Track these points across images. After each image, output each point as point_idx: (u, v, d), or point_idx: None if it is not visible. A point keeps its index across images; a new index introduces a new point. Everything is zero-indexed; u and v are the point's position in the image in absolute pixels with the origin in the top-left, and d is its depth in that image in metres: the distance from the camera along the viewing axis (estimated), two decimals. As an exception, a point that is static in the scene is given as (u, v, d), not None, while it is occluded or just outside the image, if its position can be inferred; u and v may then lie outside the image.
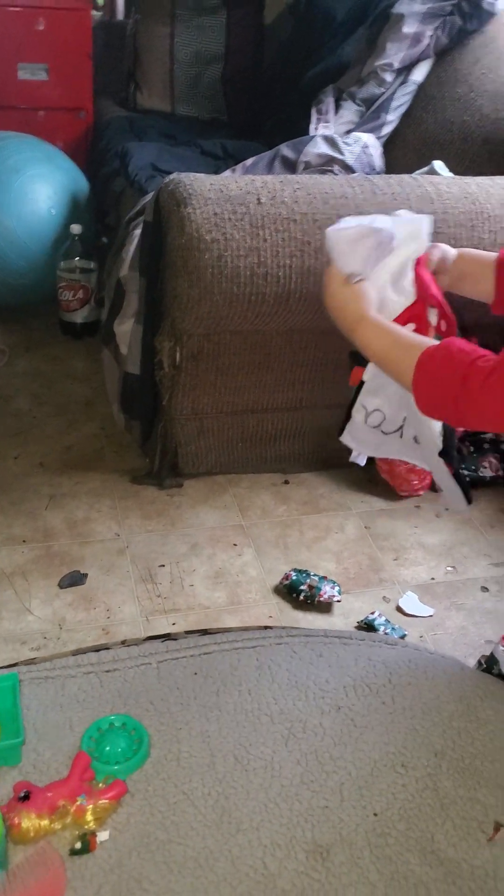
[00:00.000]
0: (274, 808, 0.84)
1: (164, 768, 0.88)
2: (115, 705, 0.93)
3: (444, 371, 0.88)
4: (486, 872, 0.79)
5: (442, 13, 2.13)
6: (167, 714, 0.94)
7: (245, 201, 1.57)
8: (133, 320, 1.72)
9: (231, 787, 0.87)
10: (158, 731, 0.91)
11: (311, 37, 2.43)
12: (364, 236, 1.00)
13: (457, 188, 1.70)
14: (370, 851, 0.80)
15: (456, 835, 0.81)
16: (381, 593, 1.70)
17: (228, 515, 1.86)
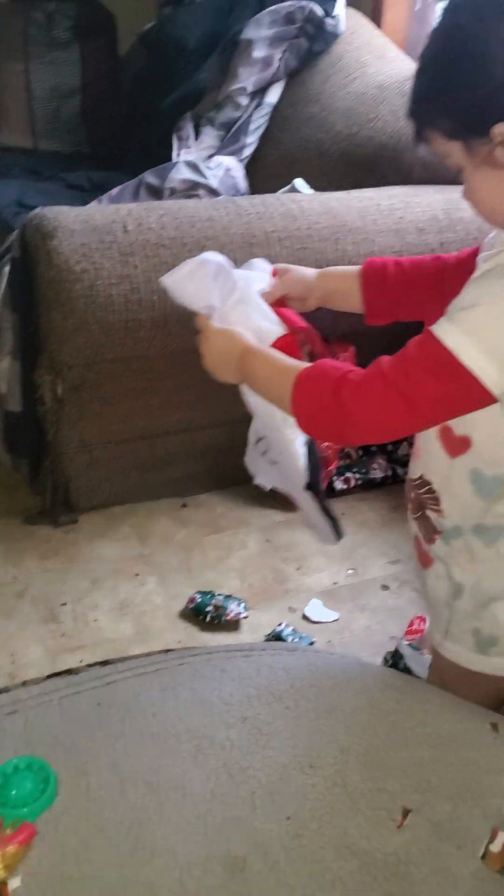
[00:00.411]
0: (188, 826, 0.84)
1: (74, 804, 0.87)
2: (17, 748, 0.91)
3: (318, 388, 0.90)
4: (399, 859, 0.80)
5: (288, 36, 2.20)
6: (73, 749, 0.92)
7: (112, 230, 1.58)
8: (10, 357, 1.70)
9: (143, 812, 0.86)
10: (65, 768, 0.89)
11: (166, 66, 2.47)
12: (197, 269, 1.02)
13: (318, 204, 1.75)
14: (286, 855, 0.81)
15: (367, 826, 0.83)
16: (287, 604, 1.72)
17: (128, 546, 1.85)
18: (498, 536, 0.96)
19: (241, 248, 1.64)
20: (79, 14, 2.67)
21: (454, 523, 0.99)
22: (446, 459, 0.97)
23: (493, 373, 0.80)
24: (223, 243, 1.62)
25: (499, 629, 0.99)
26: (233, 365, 1.00)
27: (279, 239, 1.67)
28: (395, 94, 1.98)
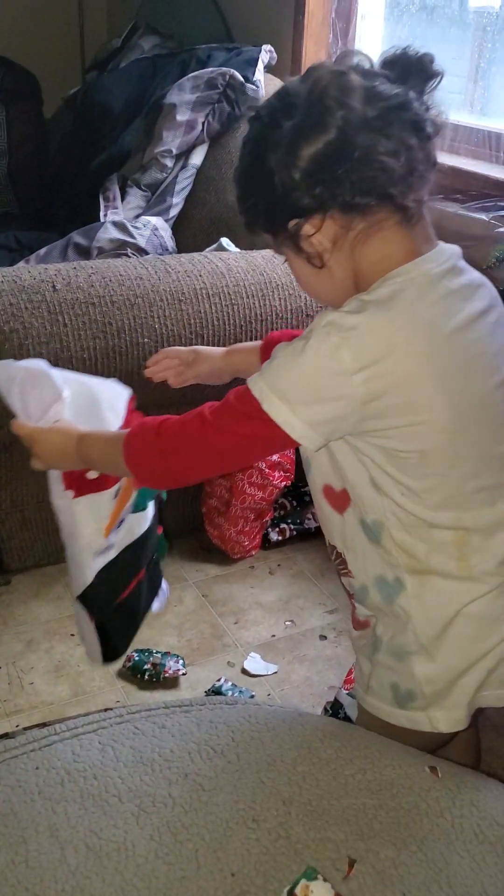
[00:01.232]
0: (131, 889, 0.82)
1: (13, 873, 0.84)
2: (-46, 817, 0.89)
3: (143, 439, 0.97)
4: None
5: (211, 101, 2.27)
6: (11, 816, 0.90)
7: (40, 289, 1.59)
8: None
9: (85, 877, 0.84)
10: (3, 836, 0.87)
11: (91, 129, 2.51)
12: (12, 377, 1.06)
13: (245, 262, 1.80)
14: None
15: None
16: (226, 658, 1.72)
17: (63, 606, 1.83)
18: (397, 591, 0.99)
19: (171, 305, 1.66)
20: (2, 78, 2.71)
21: (361, 582, 1.03)
22: (338, 518, 1.02)
23: (289, 418, 0.89)
24: (152, 301, 1.65)
25: (414, 684, 1.00)
26: (72, 457, 1.04)
27: (208, 296, 1.70)
28: (316, 156, 2.05)
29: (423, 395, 0.89)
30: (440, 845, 0.89)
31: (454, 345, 0.91)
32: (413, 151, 0.88)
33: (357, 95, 0.85)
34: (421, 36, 2.28)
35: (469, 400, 0.92)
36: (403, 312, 0.89)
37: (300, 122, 0.86)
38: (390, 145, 0.86)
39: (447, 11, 2.19)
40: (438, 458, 0.92)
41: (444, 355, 0.90)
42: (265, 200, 0.91)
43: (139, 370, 1.65)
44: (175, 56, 2.53)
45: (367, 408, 0.88)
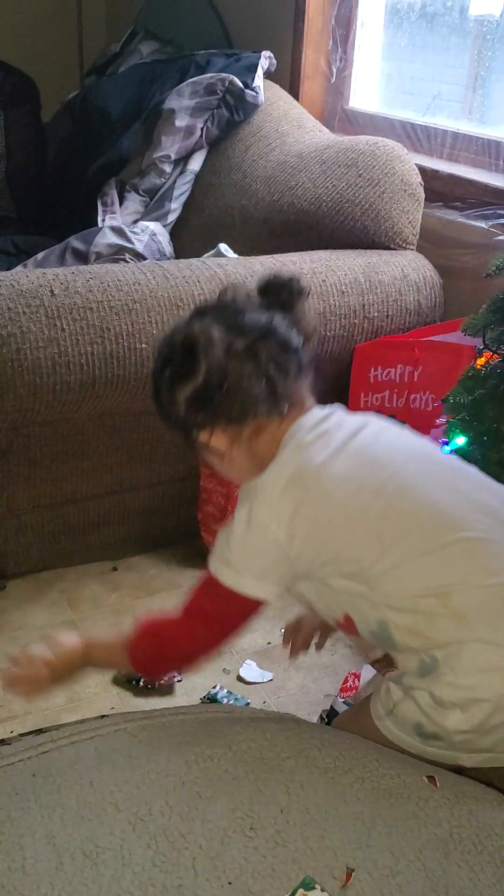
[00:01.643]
0: (128, 898, 0.82)
1: (10, 880, 0.84)
2: (-51, 825, 0.88)
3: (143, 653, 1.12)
4: (344, 920, 0.80)
5: (210, 107, 2.27)
6: (8, 822, 0.90)
7: (38, 294, 1.58)
8: None
9: (82, 884, 0.83)
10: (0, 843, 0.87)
11: (90, 133, 2.52)
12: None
13: (243, 268, 1.80)
14: (229, 923, 0.80)
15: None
16: (221, 665, 1.71)
17: (58, 611, 1.82)
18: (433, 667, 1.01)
19: (169, 311, 1.66)
20: (1, 82, 2.71)
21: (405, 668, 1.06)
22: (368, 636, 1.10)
23: (238, 579, 1.04)
24: (150, 307, 1.65)
25: (444, 732, 1.01)
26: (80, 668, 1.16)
27: (206, 302, 1.70)
28: (314, 163, 2.06)
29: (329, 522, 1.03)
30: (438, 855, 0.88)
31: (332, 468, 1.05)
32: (279, 369, 1.05)
33: (219, 345, 1.02)
34: (420, 44, 2.29)
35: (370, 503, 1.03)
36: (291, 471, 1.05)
37: (174, 372, 1.06)
38: (257, 372, 1.04)
39: (447, 19, 2.20)
40: (381, 559, 1.01)
41: (328, 482, 1.04)
42: (169, 420, 1.11)
43: (136, 376, 1.66)
44: (174, 61, 2.54)
45: (293, 547, 1.03)
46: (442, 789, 0.96)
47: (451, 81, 2.25)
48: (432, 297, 1.98)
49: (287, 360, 1.06)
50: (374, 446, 1.09)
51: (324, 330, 1.83)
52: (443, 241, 2.04)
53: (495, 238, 1.91)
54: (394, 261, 1.96)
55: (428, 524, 1.02)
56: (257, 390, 1.04)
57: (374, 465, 1.06)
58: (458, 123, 2.19)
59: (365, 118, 2.41)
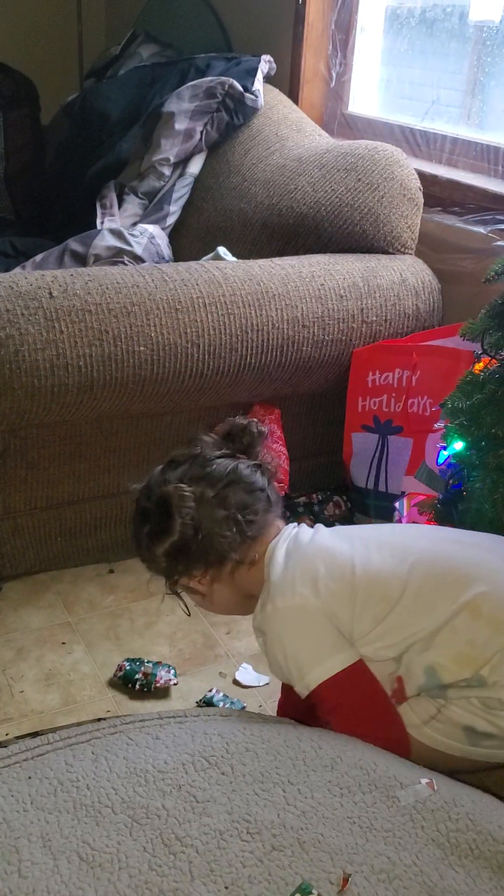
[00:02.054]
0: (124, 902, 0.82)
1: (5, 883, 0.84)
2: None
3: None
4: (341, 925, 0.80)
5: (209, 110, 2.27)
6: (3, 825, 0.89)
7: (37, 296, 1.58)
8: None
9: (78, 888, 0.83)
10: (-5, 846, 0.87)
11: (89, 136, 2.51)
12: None
13: (241, 271, 1.80)
14: (226, 927, 0.80)
15: (308, 893, 0.82)
16: (217, 669, 1.71)
17: (54, 614, 1.82)
18: (481, 684, 1.06)
19: (167, 314, 1.66)
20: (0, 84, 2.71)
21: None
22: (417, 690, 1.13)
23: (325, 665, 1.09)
24: (148, 309, 1.65)
25: (499, 730, 1.04)
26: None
27: (204, 305, 1.70)
28: (313, 167, 2.06)
29: (343, 589, 1.12)
30: (435, 860, 0.88)
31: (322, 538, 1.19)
32: (249, 510, 1.17)
33: (190, 498, 1.13)
34: (420, 49, 2.30)
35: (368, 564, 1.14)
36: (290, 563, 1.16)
37: (152, 530, 1.16)
38: (227, 518, 1.15)
39: (447, 25, 2.20)
40: (404, 606, 1.11)
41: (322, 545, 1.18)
42: (152, 569, 1.22)
43: (134, 379, 1.66)
44: (174, 64, 2.54)
45: (326, 603, 1.11)
46: (440, 793, 0.96)
47: (450, 87, 2.25)
48: (431, 301, 1.98)
49: (255, 499, 1.18)
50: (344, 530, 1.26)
51: (322, 334, 1.83)
52: (441, 245, 2.04)
53: (494, 243, 1.91)
54: (392, 265, 1.96)
55: (435, 568, 1.12)
56: (230, 534, 1.15)
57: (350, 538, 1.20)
58: (457, 129, 2.19)
59: (364, 123, 2.42)
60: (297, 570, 1.14)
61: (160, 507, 1.15)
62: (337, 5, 2.37)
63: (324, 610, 1.10)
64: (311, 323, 1.81)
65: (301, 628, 1.11)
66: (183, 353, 1.67)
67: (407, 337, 1.95)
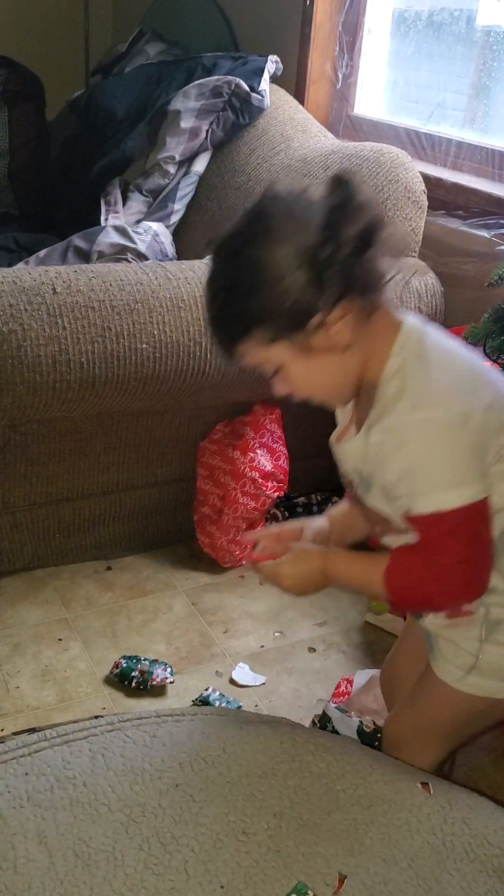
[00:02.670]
0: (119, 900, 0.82)
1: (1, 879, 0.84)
2: None
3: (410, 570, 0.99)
4: (336, 926, 0.80)
5: (215, 109, 2.27)
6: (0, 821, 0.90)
7: (40, 291, 1.58)
8: None
9: (73, 885, 0.83)
10: (-9, 842, 0.87)
11: (95, 132, 2.51)
12: None
13: (245, 269, 1.79)
14: (220, 927, 0.80)
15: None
16: (214, 668, 1.71)
17: (51, 610, 1.82)
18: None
19: (170, 312, 1.66)
20: (6, 79, 2.71)
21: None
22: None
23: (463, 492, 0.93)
24: (151, 307, 1.65)
25: None
26: (318, 579, 1.08)
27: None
28: (318, 168, 2.06)
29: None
30: (431, 863, 0.88)
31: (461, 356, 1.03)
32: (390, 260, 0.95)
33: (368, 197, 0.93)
34: (427, 52, 2.30)
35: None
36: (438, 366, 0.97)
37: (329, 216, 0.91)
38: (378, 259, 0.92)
39: (454, 28, 2.20)
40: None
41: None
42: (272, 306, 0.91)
43: (136, 376, 1.65)
44: (180, 63, 2.53)
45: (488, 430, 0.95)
46: (436, 796, 0.96)
47: (455, 90, 2.25)
48: (433, 304, 1.98)
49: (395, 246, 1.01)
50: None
51: (324, 335, 1.83)
52: (445, 249, 2.04)
53: (497, 247, 1.91)
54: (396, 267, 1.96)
55: None
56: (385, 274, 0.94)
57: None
58: (462, 132, 2.19)
59: (369, 125, 2.42)
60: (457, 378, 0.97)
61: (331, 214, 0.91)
62: (344, 7, 2.37)
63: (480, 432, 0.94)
64: (313, 324, 1.81)
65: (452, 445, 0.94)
66: (185, 351, 1.67)
67: (409, 339, 1.95)
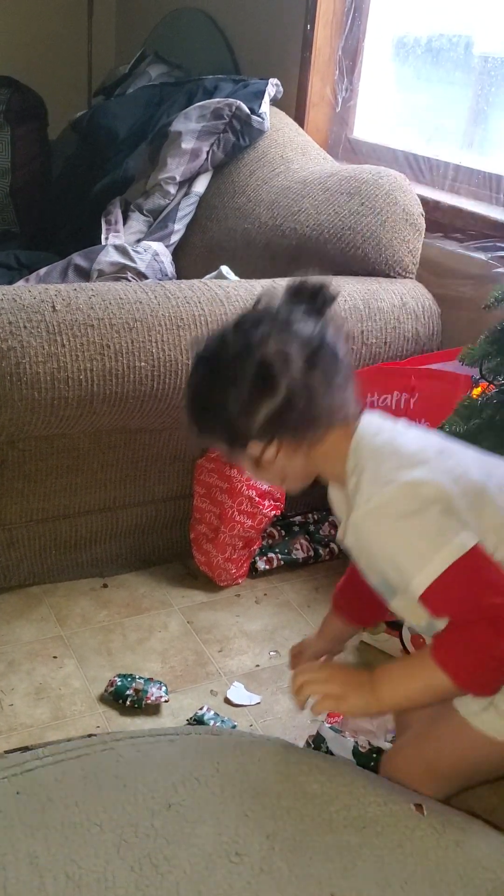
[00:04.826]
0: (110, 921, 0.81)
1: (-10, 900, 0.83)
2: None
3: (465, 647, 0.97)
4: None
5: (216, 130, 2.29)
6: (-10, 841, 0.89)
7: (40, 309, 1.59)
8: None
9: (63, 907, 0.83)
10: (-19, 861, 0.86)
11: (96, 152, 2.53)
12: None
13: (244, 290, 1.80)
14: None
15: (295, 916, 0.82)
16: (209, 687, 1.70)
17: (46, 627, 1.81)
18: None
19: (169, 331, 1.67)
20: (10, 99, 2.74)
21: None
22: None
23: (459, 540, 0.96)
24: (151, 325, 1.65)
25: None
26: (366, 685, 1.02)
27: (206, 323, 1.71)
28: (318, 190, 2.08)
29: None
30: (424, 886, 0.88)
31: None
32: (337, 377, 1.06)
33: (296, 362, 1.02)
34: (425, 77, 2.32)
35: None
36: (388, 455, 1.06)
37: (252, 390, 1.02)
38: (323, 385, 1.04)
39: (452, 55, 2.23)
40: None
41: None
42: (225, 432, 1.07)
43: (134, 394, 1.66)
44: (182, 85, 2.56)
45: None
46: (429, 818, 0.95)
47: (453, 115, 2.27)
48: (430, 325, 1.99)
49: (340, 368, 1.07)
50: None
51: (322, 355, 1.84)
52: (442, 271, 2.06)
53: (494, 270, 1.92)
54: (393, 289, 1.97)
55: None
56: (326, 404, 1.04)
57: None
58: (460, 156, 2.21)
59: (368, 148, 2.44)
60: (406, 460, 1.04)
61: (262, 369, 1.01)
62: (344, 32, 2.40)
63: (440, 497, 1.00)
64: (311, 344, 1.82)
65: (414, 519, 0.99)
66: (184, 370, 1.68)
67: (406, 360, 1.96)
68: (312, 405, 1.03)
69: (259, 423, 1.03)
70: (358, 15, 2.37)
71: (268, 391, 1.02)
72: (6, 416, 1.57)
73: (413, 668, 1.02)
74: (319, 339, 1.05)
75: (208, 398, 1.07)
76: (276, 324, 1.05)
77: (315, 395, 1.03)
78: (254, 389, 1.02)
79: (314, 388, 1.03)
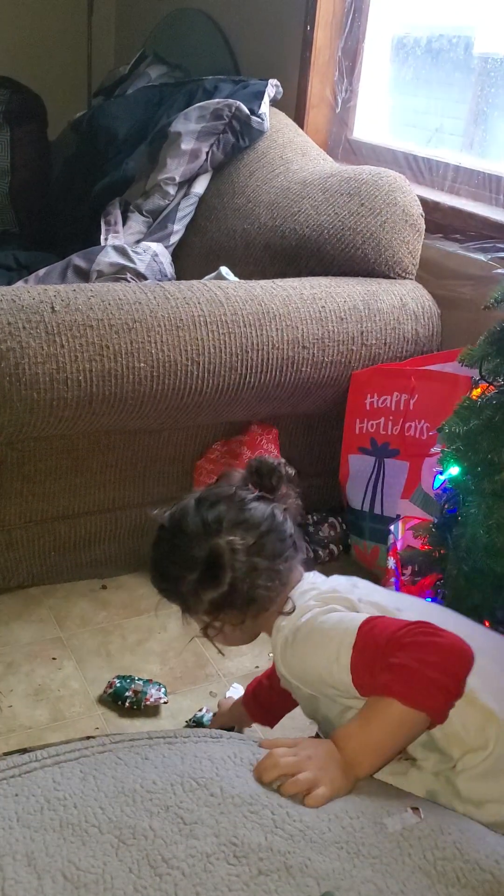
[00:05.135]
0: (108, 923, 0.81)
1: (-12, 902, 0.83)
2: None
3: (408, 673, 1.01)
4: None
5: (216, 131, 2.29)
6: (-12, 842, 0.89)
7: (39, 310, 1.59)
8: None
9: (61, 909, 0.82)
10: (-21, 863, 0.86)
11: (96, 153, 2.53)
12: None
13: (243, 291, 1.80)
14: None
15: (293, 918, 0.81)
16: (208, 688, 1.70)
17: (45, 628, 1.81)
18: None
19: (168, 331, 1.67)
20: (9, 99, 2.73)
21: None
22: None
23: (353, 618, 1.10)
24: (150, 326, 1.65)
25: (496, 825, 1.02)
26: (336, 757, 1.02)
27: (206, 323, 1.71)
28: (317, 190, 2.08)
29: None
30: (422, 888, 0.88)
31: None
32: (282, 559, 1.17)
33: (241, 554, 1.14)
34: (425, 78, 2.32)
35: None
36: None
37: (199, 579, 1.15)
38: (268, 570, 1.15)
39: (452, 55, 2.23)
40: None
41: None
42: (179, 602, 1.21)
43: (133, 395, 1.66)
44: (182, 85, 2.56)
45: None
46: (427, 820, 0.95)
47: (453, 116, 2.27)
48: (430, 326, 1.99)
49: (285, 547, 1.18)
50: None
51: (321, 355, 1.84)
52: (442, 272, 2.06)
53: (494, 271, 1.92)
54: (393, 290, 1.97)
55: None
56: (271, 585, 1.16)
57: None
58: (460, 157, 2.21)
59: (368, 148, 2.44)
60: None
61: (210, 558, 1.14)
62: (344, 33, 2.40)
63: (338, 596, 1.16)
64: (310, 344, 1.82)
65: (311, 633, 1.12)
66: (183, 371, 1.68)
67: (406, 361, 1.96)
68: (255, 590, 1.15)
69: (205, 605, 1.16)
70: (358, 16, 2.38)
71: (214, 582, 1.14)
72: (5, 416, 1.57)
73: (366, 715, 1.04)
74: (269, 523, 1.17)
75: (166, 573, 1.21)
76: (233, 505, 1.17)
77: (258, 579, 1.14)
78: (203, 578, 1.14)
79: (258, 573, 1.15)
